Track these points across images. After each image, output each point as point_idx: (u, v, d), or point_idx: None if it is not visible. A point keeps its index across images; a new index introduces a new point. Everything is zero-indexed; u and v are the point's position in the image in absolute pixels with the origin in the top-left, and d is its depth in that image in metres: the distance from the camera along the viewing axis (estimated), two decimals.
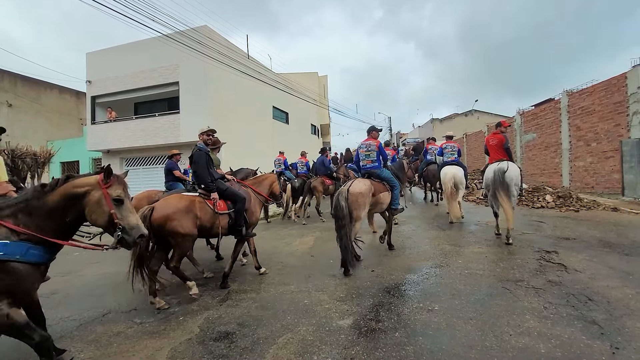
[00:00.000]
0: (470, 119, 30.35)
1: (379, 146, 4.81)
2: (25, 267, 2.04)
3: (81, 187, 2.21)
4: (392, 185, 4.78)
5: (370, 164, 4.78)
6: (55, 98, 19.09)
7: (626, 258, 4.04)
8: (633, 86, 8.15)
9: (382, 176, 4.73)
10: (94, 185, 2.22)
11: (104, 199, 2.21)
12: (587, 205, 7.28)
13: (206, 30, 10.94)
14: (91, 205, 2.20)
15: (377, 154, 4.76)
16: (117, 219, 2.22)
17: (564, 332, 2.46)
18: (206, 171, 3.99)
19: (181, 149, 11.67)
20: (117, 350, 2.67)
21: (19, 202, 2.12)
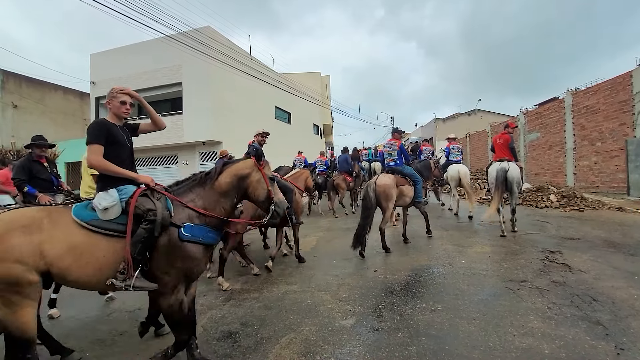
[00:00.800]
0: (473, 119, 30.18)
1: (400, 146, 5.35)
2: (203, 250, 2.17)
3: (244, 169, 2.47)
4: (415, 181, 5.25)
5: (392, 162, 5.35)
6: (59, 99, 19.23)
7: (631, 258, 4.01)
8: (638, 85, 8.08)
9: (404, 172, 5.25)
10: (253, 168, 2.49)
11: (263, 178, 2.49)
12: (592, 205, 7.23)
13: (209, 30, 10.97)
14: (254, 184, 2.46)
15: (398, 153, 5.31)
16: (272, 195, 2.47)
17: (568, 332, 2.45)
18: None
19: (184, 149, 11.73)
20: (122, 349, 2.69)
21: (192, 187, 2.34)
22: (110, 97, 2.34)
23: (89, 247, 1.93)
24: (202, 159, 11.81)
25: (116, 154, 2.22)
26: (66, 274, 1.89)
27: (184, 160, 11.98)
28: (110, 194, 2.08)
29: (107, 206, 2.02)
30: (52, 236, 1.87)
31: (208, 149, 11.62)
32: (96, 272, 1.95)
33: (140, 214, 2.02)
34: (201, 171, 2.50)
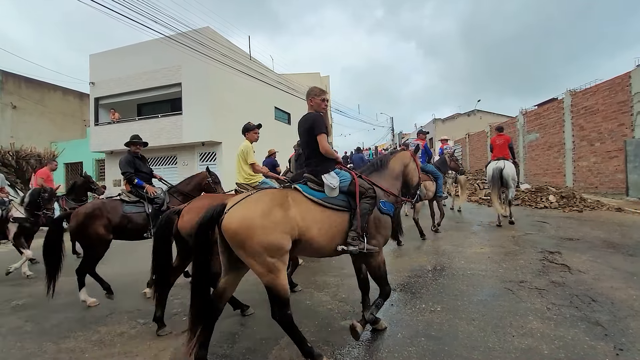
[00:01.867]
0: (472, 119, 30.21)
1: (425, 145, 6.01)
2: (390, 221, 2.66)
3: (407, 158, 3.04)
4: (436, 177, 5.88)
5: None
6: (58, 100, 19.21)
7: (630, 259, 4.01)
8: (637, 85, 8.10)
9: (426, 169, 5.75)
10: (411, 158, 3.06)
11: (417, 166, 3.08)
12: (591, 205, 7.24)
13: (208, 31, 10.98)
14: (412, 171, 3.01)
15: (422, 152, 5.87)
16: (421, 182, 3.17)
17: (568, 333, 2.45)
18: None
19: (183, 150, 11.74)
20: (121, 350, 2.68)
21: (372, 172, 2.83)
22: (312, 95, 2.74)
23: (325, 219, 2.34)
24: (201, 160, 11.81)
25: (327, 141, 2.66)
26: (311, 242, 2.28)
27: (184, 160, 11.98)
28: (334, 176, 2.50)
29: (336, 185, 2.45)
30: (300, 211, 2.25)
31: (207, 149, 11.62)
32: (329, 240, 2.37)
33: (362, 192, 2.48)
34: (376, 158, 3.21)
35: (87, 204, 3.98)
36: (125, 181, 4.31)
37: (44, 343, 2.88)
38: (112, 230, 3.83)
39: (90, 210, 3.74)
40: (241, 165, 4.09)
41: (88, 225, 3.66)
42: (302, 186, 2.47)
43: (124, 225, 3.91)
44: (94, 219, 3.70)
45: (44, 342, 2.90)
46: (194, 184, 4.61)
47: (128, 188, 4.28)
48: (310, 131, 2.59)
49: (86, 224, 3.66)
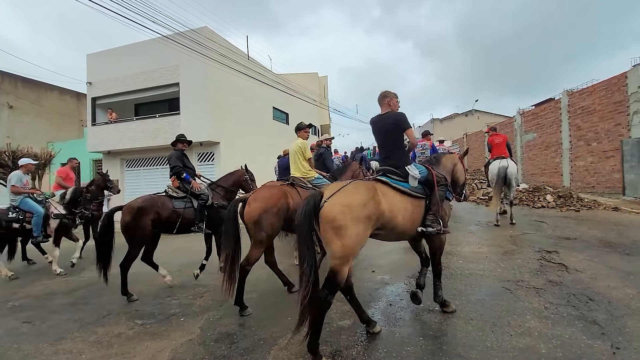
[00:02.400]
0: (470, 119, 30.31)
1: (432, 145, 6.66)
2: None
3: (456, 159, 3.41)
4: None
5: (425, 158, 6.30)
6: (55, 100, 19.10)
7: (627, 258, 4.04)
8: (633, 85, 8.15)
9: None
10: (459, 159, 3.42)
11: (463, 167, 3.40)
12: (588, 205, 7.27)
13: (206, 31, 10.94)
14: (460, 170, 3.34)
15: (430, 151, 6.58)
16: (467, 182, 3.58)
17: (565, 332, 2.46)
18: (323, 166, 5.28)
19: None
20: (118, 351, 2.67)
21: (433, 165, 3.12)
22: (390, 97, 3.02)
23: (408, 207, 2.64)
24: (199, 160, 11.77)
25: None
26: (395, 229, 2.56)
27: None
28: (415, 168, 2.82)
29: (419, 176, 2.74)
30: (388, 202, 2.51)
31: (205, 149, 11.59)
32: (411, 224, 2.67)
33: (438, 181, 2.85)
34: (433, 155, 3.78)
35: (137, 199, 4.10)
36: (172, 177, 4.54)
37: (41, 344, 2.87)
38: (162, 224, 4.07)
39: (142, 205, 3.93)
40: (299, 161, 4.20)
41: (139, 219, 3.86)
42: (387, 178, 2.75)
43: (173, 220, 4.12)
44: (145, 213, 3.90)
45: (41, 343, 2.89)
46: (233, 181, 4.90)
47: (176, 184, 4.50)
48: (395, 127, 2.88)
49: (138, 217, 3.86)
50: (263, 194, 3.44)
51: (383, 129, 2.95)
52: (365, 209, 2.34)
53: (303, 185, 3.94)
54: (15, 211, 5.18)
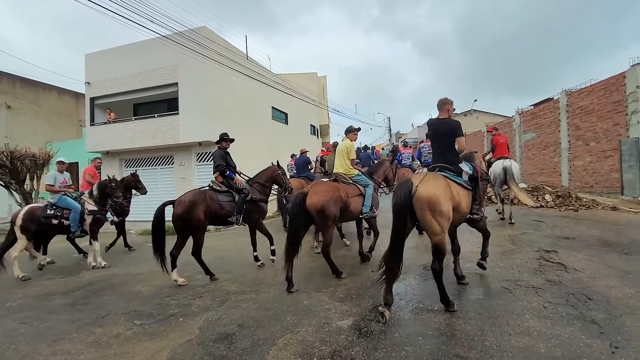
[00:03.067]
0: (469, 119, 30.35)
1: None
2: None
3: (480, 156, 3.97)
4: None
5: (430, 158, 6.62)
6: (54, 99, 19.03)
7: (625, 257, 4.04)
8: (632, 85, 8.16)
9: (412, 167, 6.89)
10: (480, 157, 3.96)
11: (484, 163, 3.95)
12: (587, 204, 7.28)
13: (205, 31, 10.92)
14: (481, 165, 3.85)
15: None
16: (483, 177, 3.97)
17: (564, 331, 2.46)
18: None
19: (180, 150, 11.68)
20: (117, 351, 2.67)
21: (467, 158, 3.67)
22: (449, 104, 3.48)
23: (464, 196, 3.18)
24: (198, 160, 11.74)
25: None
26: (460, 212, 3.11)
27: (180, 161, 11.90)
28: (466, 165, 3.36)
29: (470, 172, 3.30)
30: (456, 190, 3.08)
31: (204, 149, 11.56)
32: (467, 210, 3.23)
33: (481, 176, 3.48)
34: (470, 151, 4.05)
35: (188, 193, 4.49)
36: (216, 173, 4.88)
37: (39, 345, 2.86)
38: (209, 215, 4.43)
39: (194, 198, 4.32)
40: (344, 159, 4.61)
41: (192, 211, 4.22)
42: (445, 173, 3.22)
43: (217, 212, 4.52)
44: (196, 206, 4.28)
45: (39, 344, 2.88)
46: (267, 176, 5.28)
47: (220, 179, 4.87)
48: (450, 132, 3.35)
49: (190, 210, 4.22)
50: (321, 188, 4.05)
51: (439, 131, 3.41)
52: (448, 191, 2.97)
53: (345, 180, 4.46)
54: (53, 208, 5.39)
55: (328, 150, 9.75)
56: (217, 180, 4.87)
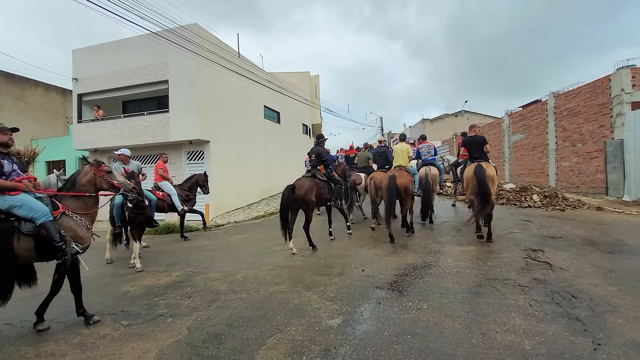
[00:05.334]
0: (460, 120, 30.71)
1: (434, 147, 7.57)
2: None
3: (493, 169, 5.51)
4: (440, 170, 7.63)
5: (430, 157, 7.33)
6: (40, 96, 18.58)
7: (609, 256, 4.14)
8: (616, 88, 8.37)
9: (435, 164, 7.25)
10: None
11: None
12: (573, 204, 7.44)
13: (196, 28, 10.79)
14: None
15: (434, 151, 7.45)
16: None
17: (549, 328, 2.52)
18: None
19: (170, 148, 11.53)
20: (103, 353, 2.62)
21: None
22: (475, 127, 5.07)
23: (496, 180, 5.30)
24: (189, 159, 11.61)
25: None
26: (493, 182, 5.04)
27: (171, 159, 11.75)
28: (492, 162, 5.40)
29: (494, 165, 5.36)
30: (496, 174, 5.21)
31: (195, 148, 11.44)
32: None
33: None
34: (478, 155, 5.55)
35: (303, 180, 5.55)
36: (321, 166, 5.92)
37: (23, 347, 2.79)
38: (317, 198, 5.46)
39: (310, 184, 5.43)
40: (405, 157, 6.20)
41: (309, 194, 5.31)
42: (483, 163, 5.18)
43: (322, 196, 5.61)
44: (312, 190, 5.37)
45: (23, 345, 2.82)
46: (341, 170, 7.16)
47: (323, 171, 5.93)
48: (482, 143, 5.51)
49: (308, 193, 5.31)
50: (400, 173, 5.72)
51: (477, 143, 5.56)
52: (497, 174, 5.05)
53: (404, 169, 6.05)
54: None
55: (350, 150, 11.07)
56: (321, 171, 5.91)
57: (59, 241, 2.89)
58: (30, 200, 2.90)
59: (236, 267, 4.89)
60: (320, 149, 6.01)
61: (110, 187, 3.52)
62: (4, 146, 3.02)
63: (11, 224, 2.82)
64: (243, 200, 12.73)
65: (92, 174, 3.43)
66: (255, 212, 11.19)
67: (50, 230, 2.86)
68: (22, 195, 2.90)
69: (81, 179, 3.36)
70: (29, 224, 2.85)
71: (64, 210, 3.13)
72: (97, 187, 3.45)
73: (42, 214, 2.87)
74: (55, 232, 2.89)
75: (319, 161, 5.91)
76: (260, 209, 11.99)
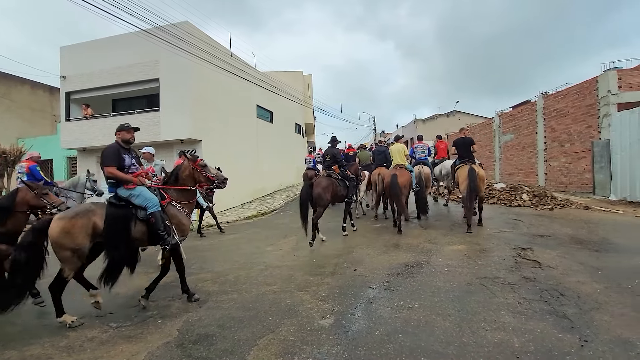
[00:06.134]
0: (452, 120, 31.00)
1: (428, 147, 8.02)
2: None
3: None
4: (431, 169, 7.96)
5: (423, 157, 7.77)
6: (26, 94, 18.16)
7: (596, 254, 4.23)
8: (603, 90, 8.54)
9: (427, 163, 7.68)
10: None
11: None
12: (561, 203, 7.57)
13: (187, 26, 10.67)
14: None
15: (428, 151, 7.90)
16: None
17: (537, 326, 2.55)
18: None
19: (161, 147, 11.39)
20: (91, 356, 2.58)
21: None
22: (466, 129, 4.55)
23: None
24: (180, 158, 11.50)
25: None
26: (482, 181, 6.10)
27: (161, 159, 11.62)
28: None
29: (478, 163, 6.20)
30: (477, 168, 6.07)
31: (186, 147, 11.30)
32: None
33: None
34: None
35: (321, 178, 6.03)
36: (335, 165, 6.26)
37: (7, 350, 2.72)
38: (333, 195, 5.88)
39: (327, 183, 5.83)
40: (402, 155, 6.72)
41: (325, 192, 5.70)
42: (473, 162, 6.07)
43: (337, 193, 6.00)
44: (328, 188, 5.77)
45: (7, 349, 2.75)
46: (354, 169, 7.17)
47: (337, 170, 6.26)
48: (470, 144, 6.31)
49: (325, 190, 5.70)
50: (400, 172, 6.29)
51: (467, 144, 6.35)
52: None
53: (403, 167, 6.60)
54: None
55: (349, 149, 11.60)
56: (335, 171, 6.24)
57: (163, 231, 3.29)
58: (145, 192, 3.36)
59: (228, 267, 4.85)
60: (335, 151, 6.46)
61: (206, 179, 3.83)
62: (127, 143, 3.55)
63: (130, 210, 3.29)
64: (236, 200, 12.65)
65: (190, 168, 3.74)
66: (248, 212, 11.13)
67: (157, 220, 3.29)
68: (139, 187, 3.35)
69: (182, 174, 3.71)
70: (143, 212, 3.30)
71: (170, 200, 3.54)
72: (195, 180, 3.77)
73: (153, 204, 3.32)
74: (161, 223, 3.31)
75: (333, 162, 6.29)
76: (252, 208, 11.93)
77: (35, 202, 3.67)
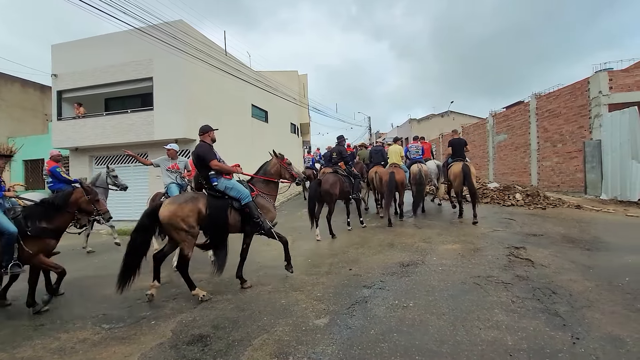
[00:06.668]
0: (446, 120, 31.16)
1: (422, 147, 8.22)
2: None
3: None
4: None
5: (417, 156, 7.86)
6: (17, 92, 17.87)
7: (587, 253, 4.28)
8: (595, 91, 8.66)
9: (422, 161, 7.73)
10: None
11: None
12: (553, 203, 7.66)
13: (182, 25, 10.58)
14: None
15: (422, 151, 8.08)
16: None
17: (530, 324, 2.58)
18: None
19: (154, 147, 11.30)
20: (83, 357, 2.54)
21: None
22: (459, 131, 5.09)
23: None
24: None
25: None
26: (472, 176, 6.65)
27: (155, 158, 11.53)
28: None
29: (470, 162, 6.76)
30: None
31: (181, 147, 11.19)
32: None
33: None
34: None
35: (329, 176, 6.19)
36: (341, 162, 6.57)
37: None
38: (340, 192, 6.07)
39: (334, 179, 6.04)
40: (399, 155, 7.22)
41: (333, 188, 5.95)
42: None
43: (344, 190, 6.16)
44: (336, 184, 5.99)
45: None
46: (360, 168, 7.87)
47: (343, 167, 6.55)
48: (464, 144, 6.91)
49: (332, 186, 5.94)
50: (397, 170, 6.83)
51: (461, 144, 6.92)
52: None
53: (399, 166, 7.07)
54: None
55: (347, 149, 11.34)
56: (341, 167, 6.51)
57: (258, 218, 3.73)
58: (238, 184, 3.77)
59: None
60: (341, 148, 6.79)
61: (290, 176, 4.34)
62: (213, 141, 4.05)
63: (227, 201, 3.71)
64: None
65: (278, 165, 4.29)
66: None
67: (252, 209, 3.72)
68: (233, 180, 3.80)
69: (270, 169, 4.27)
70: (237, 202, 3.71)
71: (258, 192, 3.99)
72: (280, 175, 4.29)
73: (246, 195, 3.73)
74: (256, 211, 3.74)
75: (340, 158, 6.61)
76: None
77: (85, 207, 3.77)
